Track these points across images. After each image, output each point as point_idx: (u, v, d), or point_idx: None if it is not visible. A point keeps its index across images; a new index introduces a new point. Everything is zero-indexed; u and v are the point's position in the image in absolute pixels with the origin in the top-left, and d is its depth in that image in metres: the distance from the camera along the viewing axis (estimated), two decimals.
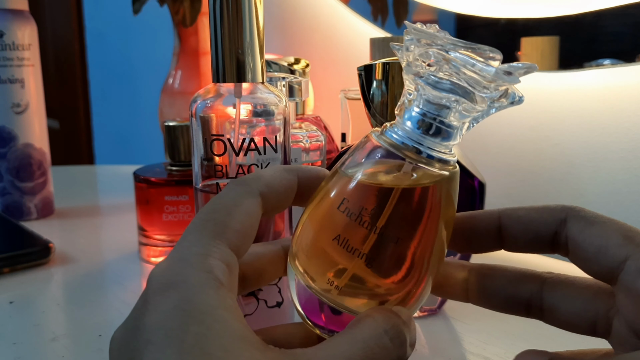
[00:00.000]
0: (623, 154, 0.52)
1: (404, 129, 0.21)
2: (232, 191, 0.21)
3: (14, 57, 0.63)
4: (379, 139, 0.21)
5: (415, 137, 0.21)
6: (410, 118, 0.21)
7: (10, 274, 0.49)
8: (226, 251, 0.20)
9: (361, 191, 0.21)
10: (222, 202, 0.21)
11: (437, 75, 0.20)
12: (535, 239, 0.22)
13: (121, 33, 1.52)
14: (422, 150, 0.21)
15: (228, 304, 0.18)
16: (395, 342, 0.19)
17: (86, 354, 0.36)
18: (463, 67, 0.19)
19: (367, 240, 0.20)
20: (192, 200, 0.49)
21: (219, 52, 0.33)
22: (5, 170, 0.64)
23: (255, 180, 0.22)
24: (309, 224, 0.22)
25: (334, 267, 0.21)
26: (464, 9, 0.61)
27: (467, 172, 0.38)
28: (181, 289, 0.18)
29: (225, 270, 0.19)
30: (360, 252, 0.21)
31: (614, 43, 0.51)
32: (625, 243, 0.20)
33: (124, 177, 0.86)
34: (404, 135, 0.21)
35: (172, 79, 0.75)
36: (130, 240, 0.57)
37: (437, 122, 0.21)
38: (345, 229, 0.21)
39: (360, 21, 0.73)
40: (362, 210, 0.20)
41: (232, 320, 0.17)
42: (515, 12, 0.56)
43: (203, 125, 0.33)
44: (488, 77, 0.19)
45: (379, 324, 0.19)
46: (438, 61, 0.19)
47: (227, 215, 0.20)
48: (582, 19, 0.51)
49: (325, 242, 0.21)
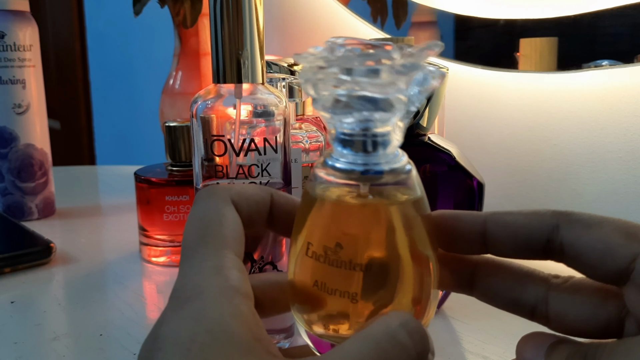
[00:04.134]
0: (621, 154, 0.52)
1: (342, 155, 0.20)
2: (208, 202, 0.21)
3: (15, 57, 0.63)
4: (323, 172, 0.21)
5: (357, 160, 0.20)
6: (343, 143, 0.20)
7: (11, 274, 0.49)
8: (235, 259, 0.20)
9: (322, 229, 0.20)
10: (208, 215, 0.21)
11: (342, 96, 0.19)
12: (525, 246, 0.21)
13: (122, 34, 1.52)
14: (368, 169, 0.20)
15: (241, 314, 0.18)
16: (415, 337, 0.18)
17: (87, 353, 0.36)
18: (357, 81, 0.18)
19: (346, 278, 0.20)
20: (193, 200, 0.49)
21: (220, 53, 0.33)
22: (6, 170, 0.64)
23: (224, 189, 0.22)
24: (292, 269, 0.22)
25: (325, 312, 0.21)
26: (463, 10, 0.61)
27: (466, 172, 0.38)
28: (199, 300, 0.18)
29: (241, 278, 0.19)
30: (342, 292, 0.20)
31: (612, 44, 0.52)
32: (628, 242, 0.19)
33: (124, 178, 0.86)
34: (344, 163, 0.20)
35: (172, 79, 0.75)
36: (131, 240, 0.57)
37: (370, 138, 0.20)
38: (320, 273, 0.20)
39: (360, 22, 0.73)
40: (327, 250, 0.20)
41: (241, 329, 0.17)
42: (514, 13, 0.56)
43: (203, 125, 0.33)
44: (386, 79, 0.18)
45: (393, 320, 0.18)
46: (336, 82, 0.19)
47: (219, 226, 0.20)
48: (581, 19, 0.52)
49: (307, 290, 0.21)
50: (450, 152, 0.38)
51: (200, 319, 0.17)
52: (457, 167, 0.38)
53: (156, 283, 0.49)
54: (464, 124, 0.63)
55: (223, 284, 0.18)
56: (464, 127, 0.63)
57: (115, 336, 0.38)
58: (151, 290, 0.47)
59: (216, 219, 0.21)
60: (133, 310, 0.42)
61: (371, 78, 0.18)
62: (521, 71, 0.57)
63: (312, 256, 0.20)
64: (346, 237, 0.20)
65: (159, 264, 0.52)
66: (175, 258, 0.52)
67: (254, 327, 0.18)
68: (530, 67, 0.56)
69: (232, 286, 0.18)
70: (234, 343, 0.17)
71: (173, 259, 0.52)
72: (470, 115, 0.62)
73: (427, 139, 0.39)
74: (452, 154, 0.38)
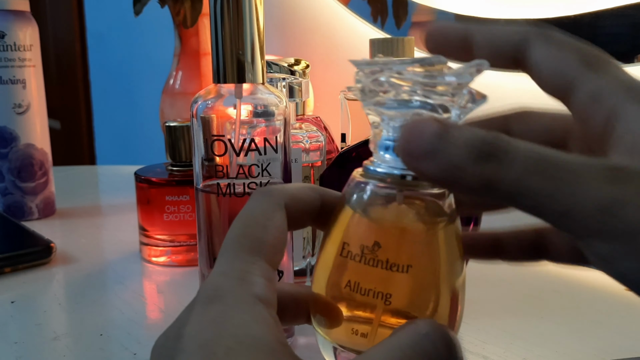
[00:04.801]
0: None
1: (384, 161, 0.20)
2: (261, 203, 0.21)
3: (15, 57, 0.63)
4: (364, 177, 0.21)
5: (398, 165, 0.20)
6: (386, 148, 0.20)
7: (11, 274, 0.49)
8: (265, 266, 0.20)
9: (360, 230, 0.21)
10: (254, 217, 0.21)
11: (396, 98, 0.19)
12: (498, 53, 0.22)
13: (122, 34, 1.52)
14: (406, 174, 0.20)
15: (264, 319, 0.18)
16: (439, 345, 0.17)
17: (87, 353, 0.36)
18: (416, 83, 0.19)
19: (382, 279, 0.20)
20: (193, 200, 0.49)
21: (220, 53, 0.33)
22: (6, 170, 0.64)
23: (280, 191, 0.22)
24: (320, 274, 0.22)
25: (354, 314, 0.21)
26: (463, 9, 0.61)
27: None
28: (221, 303, 0.18)
29: (265, 285, 0.19)
30: (376, 292, 0.20)
31: (612, 44, 0.52)
32: (578, 67, 0.20)
33: (125, 177, 0.86)
34: (385, 167, 0.20)
35: (172, 79, 0.75)
36: (131, 240, 0.57)
37: None
38: (354, 272, 0.20)
39: (360, 22, 0.73)
40: (364, 248, 0.20)
41: (265, 334, 0.17)
42: (514, 13, 0.56)
43: (204, 125, 0.33)
44: (442, 84, 0.19)
45: (420, 329, 0.18)
46: (391, 85, 0.19)
47: (262, 230, 0.20)
48: (581, 20, 0.52)
49: (339, 291, 0.21)
50: None
51: (224, 322, 0.17)
52: None
53: (156, 283, 0.49)
54: None
55: (245, 290, 0.18)
56: None
57: (116, 336, 0.38)
58: (151, 290, 0.47)
59: (262, 223, 0.21)
60: (133, 310, 0.42)
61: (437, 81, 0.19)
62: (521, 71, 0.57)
63: (347, 256, 0.20)
64: (385, 236, 0.20)
65: (159, 264, 0.52)
66: (175, 258, 0.52)
67: (277, 332, 0.18)
68: None
69: (254, 293, 0.18)
70: (259, 347, 0.17)
71: (173, 259, 0.52)
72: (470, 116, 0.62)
73: None
74: None
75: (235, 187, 0.33)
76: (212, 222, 0.35)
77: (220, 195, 0.34)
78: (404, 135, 0.18)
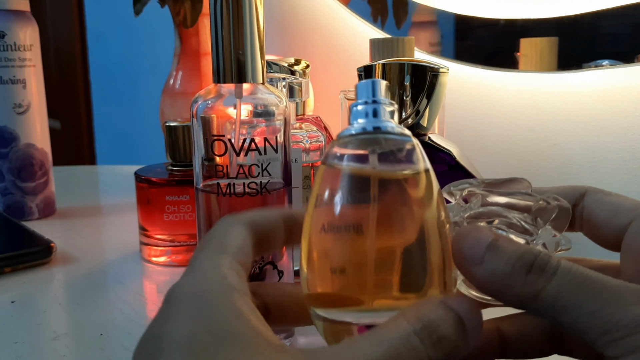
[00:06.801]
0: (622, 154, 0.52)
1: None
2: (222, 222, 0.23)
3: (15, 57, 0.63)
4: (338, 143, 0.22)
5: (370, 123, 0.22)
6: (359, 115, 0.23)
7: (11, 274, 0.49)
8: (233, 262, 0.20)
9: (331, 177, 0.21)
10: (216, 229, 0.22)
11: None
12: None
13: (122, 34, 1.52)
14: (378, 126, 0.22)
15: (240, 310, 0.18)
16: (427, 343, 0.18)
17: (87, 353, 0.36)
18: None
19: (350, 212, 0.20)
20: (193, 200, 0.49)
21: (220, 52, 0.33)
22: (6, 170, 0.64)
23: (238, 214, 0.23)
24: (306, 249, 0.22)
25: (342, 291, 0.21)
26: (464, 9, 0.61)
27: (467, 172, 0.38)
28: (196, 299, 0.18)
29: (236, 277, 0.20)
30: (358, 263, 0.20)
31: (613, 44, 0.52)
32: (634, 207, 0.21)
33: (125, 177, 0.86)
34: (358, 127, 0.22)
35: (173, 79, 0.75)
36: (131, 240, 0.57)
37: None
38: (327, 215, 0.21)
39: (360, 22, 0.73)
40: (333, 191, 0.21)
41: (241, 327, 0.17)
42: (515, 12, 0.56)
43: (204, 125, 0.33)
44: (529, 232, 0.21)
45: (410, 323, 0.18)
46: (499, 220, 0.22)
47: (223, 237, 0.21)
48: (581, 19, 0.52)
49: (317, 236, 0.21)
50: (450, 152, 0.38)
51: (200, 318, 0.17)
52: (458, 167, 0.38)
53: (156, 283, 0.49)
54: (464, 124, 0.63)
55: (220, 282, 0.19)
56: (464, 127, 0.63)
57: (116, 336, 0.38)
58: (151, 290, 0.47)
59: (221, 233, 0.22)
60: (133, 310, 0.42)
61: None
62: (521, 71, 0.57)
63: (320, 206, 0.21)
64: (353, 181, 0.21)
65: (159, 264, 0.52)
66: (175, 258, 0.52)
67: (254, 323, 0.18)
68: (531, 67, 0.56)
69: (229, 283, 0.19)
70: (235, 341, 0.17)
71: (173, 259, 0.52)
72: (470, 115, 0.62)
73: (428, 139, 0.39)
74: (453, 153, 0.38)
75: (235, 187, 0.33)
76: (212, 222, 0.35)
77: (220, 195, 0.34)
78: (459, 240, 0.20)
